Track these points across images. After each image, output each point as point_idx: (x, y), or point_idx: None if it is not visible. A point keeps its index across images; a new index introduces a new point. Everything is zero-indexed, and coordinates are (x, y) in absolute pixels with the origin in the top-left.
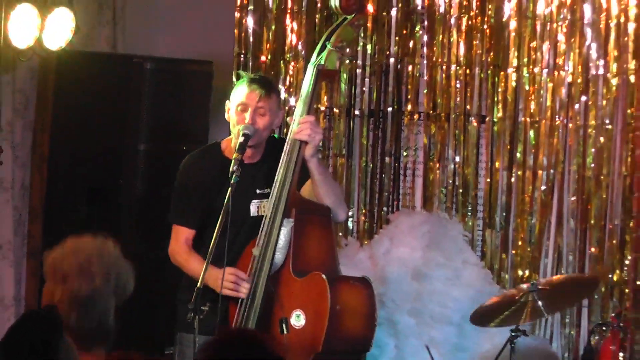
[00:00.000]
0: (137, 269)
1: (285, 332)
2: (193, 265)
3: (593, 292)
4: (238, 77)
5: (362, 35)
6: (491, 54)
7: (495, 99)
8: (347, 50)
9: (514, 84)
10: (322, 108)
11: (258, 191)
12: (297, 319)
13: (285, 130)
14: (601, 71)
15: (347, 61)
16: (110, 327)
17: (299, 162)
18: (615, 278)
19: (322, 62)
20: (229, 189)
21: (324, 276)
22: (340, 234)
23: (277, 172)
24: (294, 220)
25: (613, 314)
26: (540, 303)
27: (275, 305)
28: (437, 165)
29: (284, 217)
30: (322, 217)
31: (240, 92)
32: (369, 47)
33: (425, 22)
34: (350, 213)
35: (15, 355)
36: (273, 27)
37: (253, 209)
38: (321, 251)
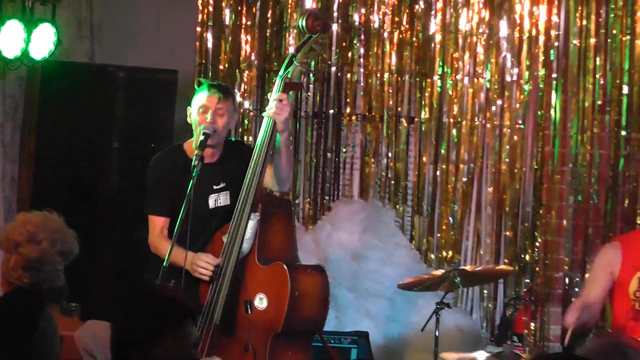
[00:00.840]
0: (111, 250)
1: (249, 312)
2: (165, 250)
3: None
4: (199, 84)
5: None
6: (419, 63)
7: (423, 102)
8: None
9: (439, 89)
10: None
11: (215, 187)
12: (261, 302)
13: (239, 130)
14: (515, 78)
15: (311, 75)
16: (61, 286)
17: (272, 144)
18: (527, 258)
19: (289, 76)
20: (191, 181)
21: (285, 266)
22: None
23: (247, 171)
24: (260, 214)
25: (525, 289)
26: (458, 279)
27: (242, 288)
28: (372, 160)
29: (252, 211)
30: (285, 212)
31: (201, 97)
32: None
33: (362, 36)
34: (296, 201)
35: (2, 323)
36: (230, 40)
37: (211, 203)
38: (283, 242)
